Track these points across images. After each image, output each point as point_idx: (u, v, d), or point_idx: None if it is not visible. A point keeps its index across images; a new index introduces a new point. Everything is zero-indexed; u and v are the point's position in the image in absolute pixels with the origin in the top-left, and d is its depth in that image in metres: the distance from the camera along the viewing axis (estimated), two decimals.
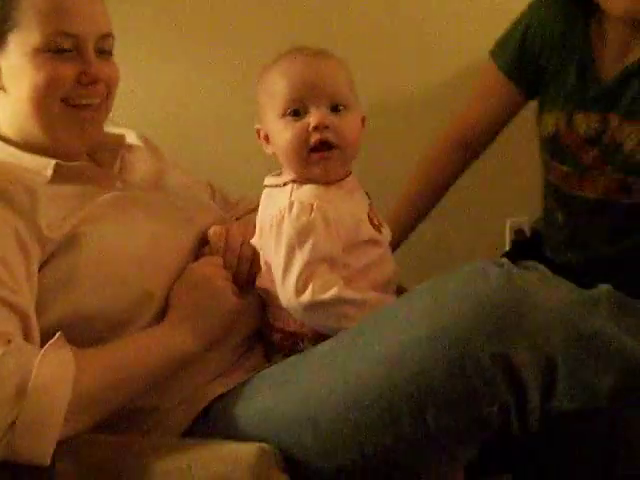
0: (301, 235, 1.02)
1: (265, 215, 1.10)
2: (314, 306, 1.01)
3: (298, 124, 1.06)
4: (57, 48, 1.05)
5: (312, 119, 1.05)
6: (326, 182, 1.08)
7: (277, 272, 1.04)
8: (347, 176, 1.12)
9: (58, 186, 1.06)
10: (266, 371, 1.01)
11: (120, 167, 1.20)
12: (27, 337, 0.93)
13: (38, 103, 1.06)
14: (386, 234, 1.14)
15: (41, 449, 0.85)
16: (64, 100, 1.07)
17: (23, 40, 1.05)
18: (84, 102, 1.09)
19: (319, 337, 1.05)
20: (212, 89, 1.77)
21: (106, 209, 1.07)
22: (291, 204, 1.04)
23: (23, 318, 0.93)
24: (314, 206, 1.04)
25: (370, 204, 1.14)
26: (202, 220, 1.17)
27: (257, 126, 1.13)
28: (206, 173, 1.66)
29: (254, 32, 1.75)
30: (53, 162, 1.07)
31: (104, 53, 1.11)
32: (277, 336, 1.10)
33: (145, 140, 1.32)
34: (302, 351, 1.04)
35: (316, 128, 1.05)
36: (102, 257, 1.02)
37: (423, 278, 0.99)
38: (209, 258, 1.11)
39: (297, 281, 1.01)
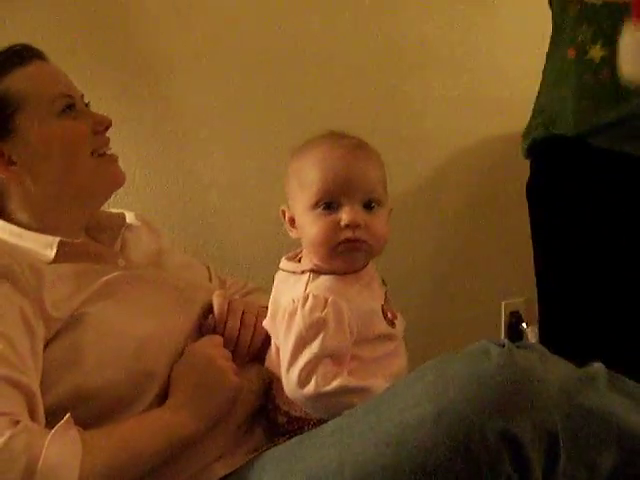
0: (311, 330, 1.02)
1: (278, 300, 1.10)
2: (319, 397, 1.01)
3: (329, 219, 1.05)
4: (63, 109, 1.12)
5: (345, 217, 1.04)
6: (345, 273, 1.08)
7: (283, 361, 1.05)
8: (365, 266, 1.12)
9: (62, 265, 1.08)
10: (271, 451, 1.01)
11: (121, 246, 1.22)
12: (33, 416, 0.92)
13: (74, 162, 1.11)
14: (399, 327, 1.13)
15: None
16: (92, 153, 1.13)
17: (33, 115, 1.10)
18: (106, 150, 1.16)
19: (324, 423, 1.04)
20: (215, 176, 1.81)
21: (110, 289, 1.08)
22: (306, 297, 1.04)
23: (29, 397, 0.92)
24: (328, 301, 1.03)
25: (386, 293, 1.14)
26: (202, 300, 1.18)
27: (283, 207, 1.13)
28: (209, 256, 1.68)
29: (262, 115, 1.80)
30: (57, 240, 1.09)
31: (88, 107, 1.19)
32: (282, 419, 1.10)
33: (143, 220, 1.35)
34: None
35: (348, 226, 1.04)
36: (106, 337, 1.03)
37: (418, 360, 0.99)
38: (209, 338, 1.12)
39: (300, 373, 1.02)
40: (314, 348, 1.02)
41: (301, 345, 1.02)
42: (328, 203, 1.05)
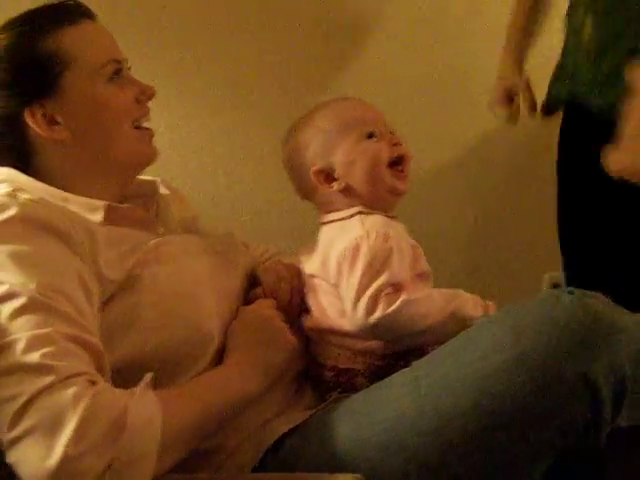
0: (379, 260, 1.07)
1: (333, 246, 1.13)
2: (386, 319, 1.05)
3: (376, 144, 1.18)
4: (112, 75, 1.10)
5: (390, 138, 1.19)
6: (387, 215, 1.17)
7: (349, 294, 1.07)
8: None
9: (110, 228, 1.06)
10: (340, 404, 1.02)
11: (156, 213, 1.21)
12: (102, 376, 0.90)
13: (117, 131, 1.09)
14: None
15: None
16: (133, 123, 1.12)
17: (81, 77, 1.07)
18: (145, 124, 1.15)
19: (374, 372, 1.08)
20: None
21: (158, 252, 1.07)
22: (368, 232, 1.10)
23: (97, 357, 0.91)
24: (390, 234, 1.10)
25: None
26: (243, 263, 1.20)
27: (315, 168, 1.18)
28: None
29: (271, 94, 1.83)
30: (104, 204, 1.07)
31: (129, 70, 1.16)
32: (329, 374, 1.12)
33: (173, 188, 1.32)
34: (359, 387, 1.06)
35: (395, 144, 1.18)
36: (160, 299, 1.02)
37: None
38: (263, 301, 1.14)
39: (368, 302, 1.05)
40: (382, 277, 1.06)
41: (370, 275, 1.07)
42: (372, 133, 1.18)
